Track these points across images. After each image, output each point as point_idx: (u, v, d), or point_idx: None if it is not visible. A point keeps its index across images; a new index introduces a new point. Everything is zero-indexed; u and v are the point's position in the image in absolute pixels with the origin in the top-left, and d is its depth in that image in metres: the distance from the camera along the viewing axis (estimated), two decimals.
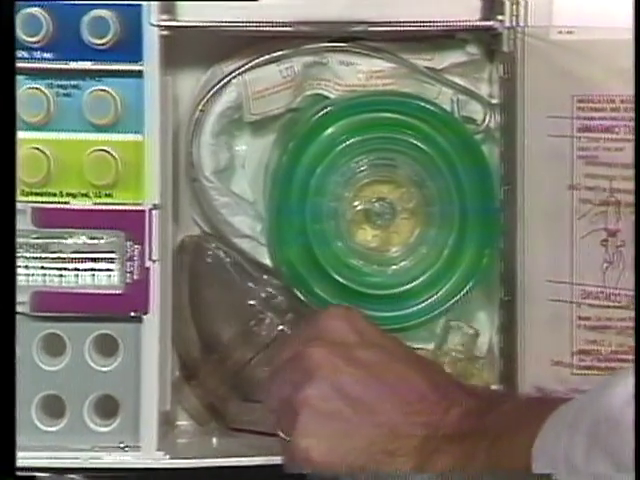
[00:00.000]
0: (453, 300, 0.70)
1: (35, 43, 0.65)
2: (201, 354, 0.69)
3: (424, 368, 0.59)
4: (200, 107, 0.68)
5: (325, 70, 0.69)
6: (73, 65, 0.65)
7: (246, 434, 0.69)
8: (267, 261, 0.71)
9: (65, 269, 0.66)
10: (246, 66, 0.68)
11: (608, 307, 0.66)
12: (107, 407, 0.67)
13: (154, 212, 0.66)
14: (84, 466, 0.66)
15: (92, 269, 0.66)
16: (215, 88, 0.68)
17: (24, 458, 0.63)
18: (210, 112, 0.68)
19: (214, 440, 0.70)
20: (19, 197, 0.65)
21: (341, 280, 0.69)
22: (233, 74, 0.68)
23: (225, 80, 0.68)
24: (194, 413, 0.69)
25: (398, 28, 0.67)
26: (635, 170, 0.62)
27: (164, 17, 0.65)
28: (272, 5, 0.66)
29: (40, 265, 0.66)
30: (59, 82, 0.66)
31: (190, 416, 0.70)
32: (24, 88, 0.65)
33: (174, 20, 0.66)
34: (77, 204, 0.66)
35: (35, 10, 0.64)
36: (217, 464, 0.66)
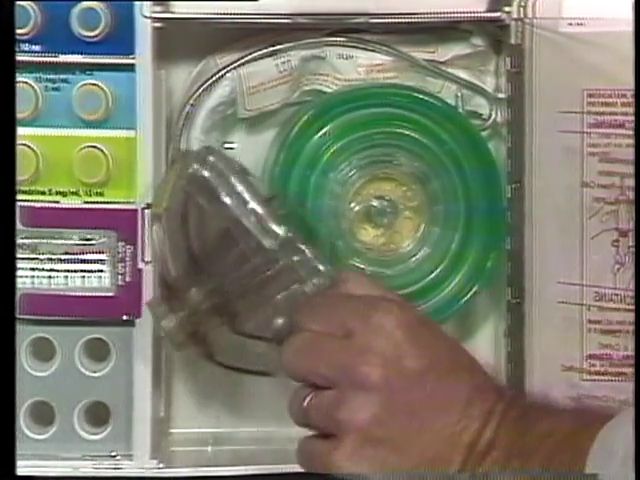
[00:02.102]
0: (458, 302, 0.69)
1: (23, 35, 0.64)
2: (188, 272, 0.63)
3: (468, 374, 0.58)
4: (191, 101, 0.67)
5: (323, 64, 0.69)
6: (63, 58, 0.64)
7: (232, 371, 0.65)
8: None
9: (54, 270, 0.65)
10: (241, 60, 0.67)
11: (619, 310, 0.65)
12: (98, 414, 0.67)
13: (147, 211, 0.65)
14: (74, 475, 0.65)
15: (82, 271, 0.65)
16: (208, 82, 0.67)
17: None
18: (201, 106, 0.68)
19: (209, 449, 0.70)
20: None
21: None
22: (227, 68, 0.67)
23: (219, 74, 0.67)
24: (173, 335, 0.63)
25: (399, 20, 0.66)
26: (635, 170, 0.62)
27: (157, 9, 0.65)
28: None
29: (29, 266, 0.65)
30: (48, 76, 0.65)
31: (168, 339, 0.63)
32: None
33: (167, 12, 0.65)
34: (67, 203, 0.65)
35: (24, 1, 0.63)
36: (212, 473, 0.66)
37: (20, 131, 0.64)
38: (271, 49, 0.67)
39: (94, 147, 0.65)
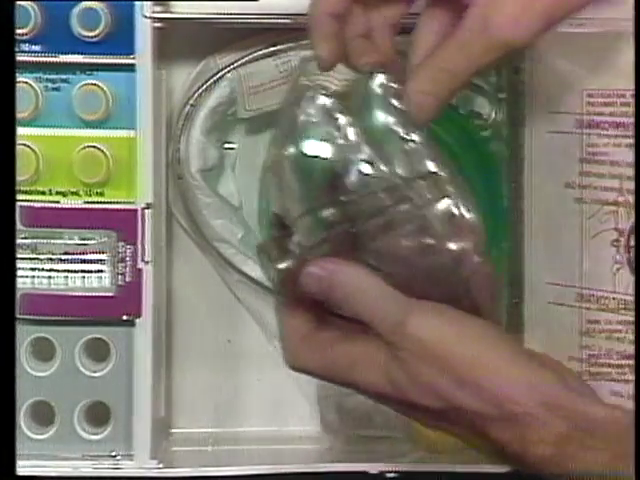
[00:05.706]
0: None
1: (24, 35, 0.64)
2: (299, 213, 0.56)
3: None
4: (191, 102, 0.67)
5: None
6: (63, 58, 0.64)
7: None
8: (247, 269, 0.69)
9: (55, 270, 0.65)
10: (241, 60, 0.67)
11: (619, 310, 0.65)
12: (98, 414, 0.66)
13: (147, 211, 0.65)
14: (74, 475, 0.65)
15: (83, 271, 0.65)
16: (208, 82, 0.67)
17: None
18: (201, 107, 0.67)
19: (209, 449, 0.70)
20: None
21: None
22: (227, 68, 0.67)
23: (219, 74, 0.67)
24: (285, 277, 0.55)
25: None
26: (635, 170, 0.62)
27: (157, 9, 0.64)
28: None
29: (29, 266, 0.65)
30: (48, 76, 0.65)
31: (279, 282, 0.55)
32: None
33: (167, 12, 0.65)
34: (67, 203, 0.65)
35: (24, 1, 0.63)
36: (212, 473, 0.66)
37: (20, 131, 0.64)
38: (271, 49, 0.67)
39: (94, 147, 0.64)
